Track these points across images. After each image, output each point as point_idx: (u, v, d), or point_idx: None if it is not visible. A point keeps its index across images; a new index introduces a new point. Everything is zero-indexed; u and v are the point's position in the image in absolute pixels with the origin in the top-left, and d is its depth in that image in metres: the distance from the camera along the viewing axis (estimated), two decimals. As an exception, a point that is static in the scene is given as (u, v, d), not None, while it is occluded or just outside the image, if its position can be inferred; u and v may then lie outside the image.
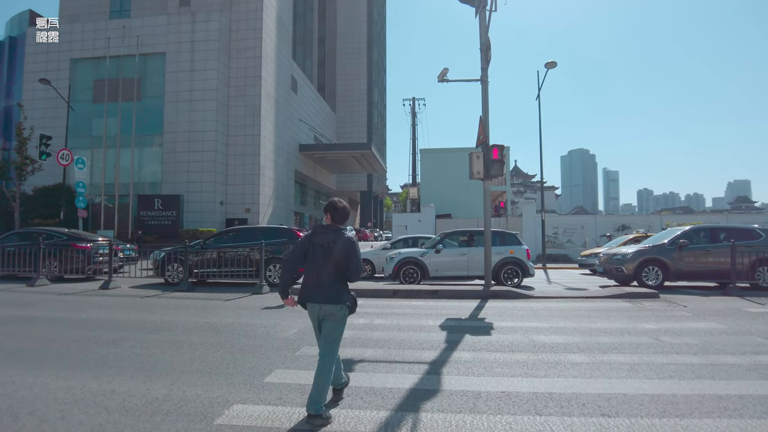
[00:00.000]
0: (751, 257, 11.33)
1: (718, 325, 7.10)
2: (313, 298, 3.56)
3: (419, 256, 12.64)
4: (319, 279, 3.54)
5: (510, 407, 3.68)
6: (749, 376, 4.52)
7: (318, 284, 3.54)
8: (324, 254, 3.54)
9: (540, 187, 23.59)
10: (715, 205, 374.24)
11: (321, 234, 3.61)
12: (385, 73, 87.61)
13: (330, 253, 3.52)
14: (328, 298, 3.51)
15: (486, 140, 10.41)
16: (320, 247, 3.56)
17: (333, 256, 3.51)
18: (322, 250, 3.56)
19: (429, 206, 28.54)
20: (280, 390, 4.06)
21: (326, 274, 3.52)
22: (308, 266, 3.61)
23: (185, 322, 7.24)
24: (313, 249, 3.60)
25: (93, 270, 13.54)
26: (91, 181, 28.59)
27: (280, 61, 35.20)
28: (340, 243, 3.51)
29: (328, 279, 3.52)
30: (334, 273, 3.53)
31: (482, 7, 10.22)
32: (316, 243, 3.58)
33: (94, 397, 3.89)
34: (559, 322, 7.42)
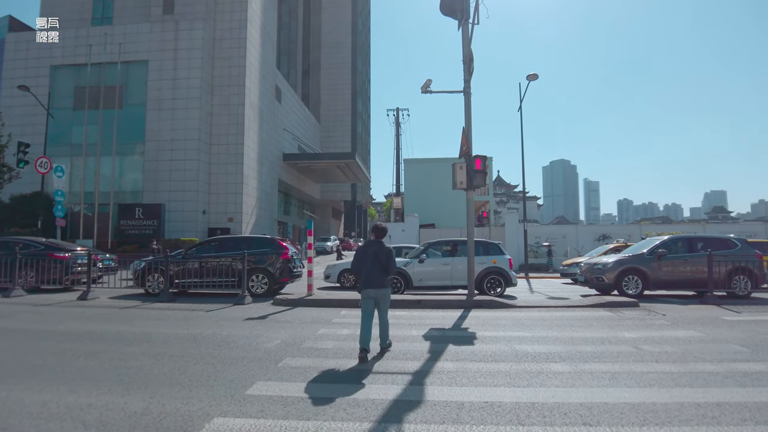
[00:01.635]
0: (728, 266, 11.57)
1: (696, 333, 7.22)
2: (370, 285, 5.78)
3: (403, 266, 12.64)
4: (371, 273, 5.80)
5: (493, 417, 3.68)
6: (726, 383, 4.60)
7: (371, 277, 5.79)
8: (372, 258, 5.82)
9: (522, 197, 23.82)
10: (693, 215, 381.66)
11: (370, 246, 5.95)
12: (369, 83, 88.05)
13: (377, 257, 5.81)
14: (379, 285, 5.79)
15: (469, 151, 10.51)
16: (371, 254, 5.84)
17: (379, 258, 5.81)
18: (372, 255, 5.83)
19: (413, 216, 28.62)
20: (262, 402, 4.01)
21: (375, 270, 5.80)
22: (365, 266, 5.85)
23: (165, 334, 7.12)
24: (365, 255, 5.88)
25: (71, 280, 13.27)
26: (70, 189, 28.06)
27: (264, 70, 35.16)
28: (383, 251, 5.86)
29: (376, 273, 5.80)
30: (380, 269, 5.81)
31: (465, 19, 10.36)
32: (368, 252, 5.87)
33: (70, 411, 3.79)
34: (542, 331, 7.48)
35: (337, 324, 8.10)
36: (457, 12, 10.30)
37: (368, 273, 5.80)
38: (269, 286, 12.30)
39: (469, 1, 10.20)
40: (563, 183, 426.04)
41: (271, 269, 12.41)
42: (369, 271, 5.80)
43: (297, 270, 13.25)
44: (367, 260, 5.84)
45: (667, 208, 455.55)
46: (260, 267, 12.32)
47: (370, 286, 5.77)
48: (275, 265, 12.47)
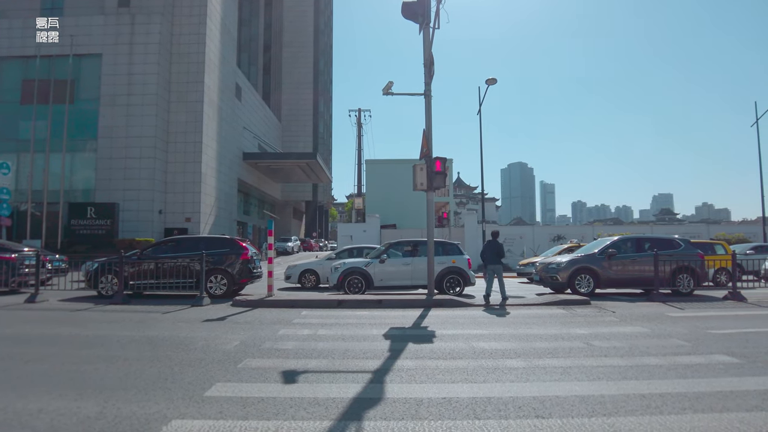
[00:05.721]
0: (672, 265, 12.19)
1: (642, 329, 7.59)
2: (490, 263, 11.08)
3: (364, 266, 12.71)
4: (491, 257, 11.12)
5: (450, 412, 3.79)
6: (669, 375, 4.88)
7: (491, 258, 11.07)
8: (493, 248, 11.21)
9: (481, 199, 24.31)
10: (642, 216, 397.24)
11: (492, 243, 11.23)
12: (331, 83, 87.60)
13: (494, 248, 11.22)
14: (496, 262, 11.05)
15: (429, 153, 10.67)
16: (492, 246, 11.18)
17: (497, 250, 11.21)
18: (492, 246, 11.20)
19: (374, 216, 28.74)
20: (221, 404, 3.98)
21: (494, 255, 11.07)
22: (490, 253, 11.20)
23: (120, 336, 6.94)
24: (489, 246, 11.21)
25: (18, 282, 12.73)
26: (16, 187, 26.80)
27: (224, 67, 34.48)
28: (498, 245, 11.18)
29: (494, 257, 11.07)
30: (496, 255, 11.09)
31: (425, 24, 10.52)
32: (491, 245, 11.23)
33: (19, 417, 3.67)
34: (498, 329, 7.70)
35: (298, 324, 8.09)
36: (419, 16, 10.45)
37: (490, 257, 11.01)
38: (228, 287, 12.13)
39: (430, 6, 10.37)
40: (521, 185, 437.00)
41: (231, 270, 12.24)
42: (490, 256, 11.00)
43: (257, 270, 13.12)
44: (490, 249, 11.09)
45: (619, 209, 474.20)
46: (219, 268, 12.13)
47: (491, 263, 10.99)
48: (235, 265, 12.30)
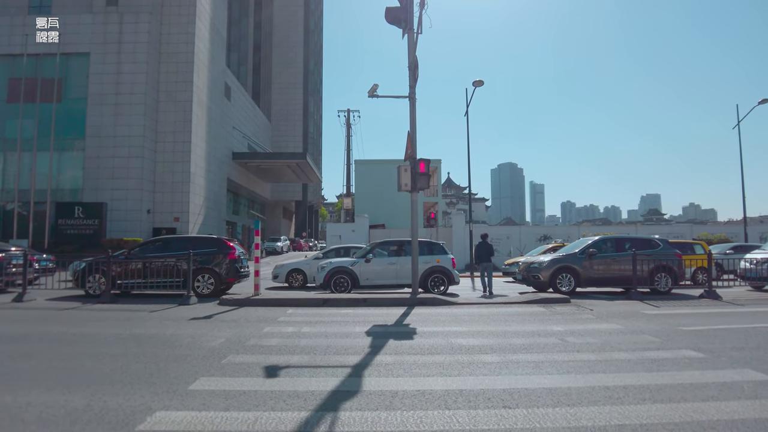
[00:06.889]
0: (650, 265, 12.51)
1: (617, 326, 7.86)
2: (481, 261, 13.30)
3: (350, 265, 12.89)
4: (483, 255, 13.27)
5: (423, 404, 3.99)
6: (635, 369, 5.12)
7: (483, 256, 13.22)
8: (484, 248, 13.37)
9: (468, 199, 24.57)
10: (630, 216, 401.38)
11: (481, 243, 13.40)
12: (321, 84, 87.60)
13: (486, 248, 13.39)
14: (486, 260, 13.18)
15: (414, 154, 10.88)
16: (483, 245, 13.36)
17: (487, 248, 13.36)
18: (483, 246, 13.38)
19: (363, 216, 28.92)
20: (204, 396, 4.15)
21: (485, 254, 13.22)
22: (483, 252, 13.27)
23: (107, 334, 7.07)
24: (481, 246, 13.40)
25: (5, 282, 12.77)
26: (3, 186, 26.70)
27: (213, 67, 34.46)
28: (488, 245, 13.36)
29: (485, 256, 13.22)
30: (487, 253, 13.24)
31: (408, 29, 10.73)
32: (483, 245, 13.35)
33: (8, 410, 3.82)
34: (478, 326, 7.92)
35: (283, 322, 8.26)
36: (402, 21, 10.65)
37: (483, 255, 13.02)
38: (216, 287, 12.25)
39: (413, 12, 10.58)
40: (510, 185, 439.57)
41: (218, 269, 12.36)
42: (483, 255, 13.03)
43: (244, 270, 13.25)
44: (483, 249, 13.08)
45: (607, 210, 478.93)
46: (206, 267, 12.24)
47: (484, 261, 13.03)
48: (222, 265, 12.43)
